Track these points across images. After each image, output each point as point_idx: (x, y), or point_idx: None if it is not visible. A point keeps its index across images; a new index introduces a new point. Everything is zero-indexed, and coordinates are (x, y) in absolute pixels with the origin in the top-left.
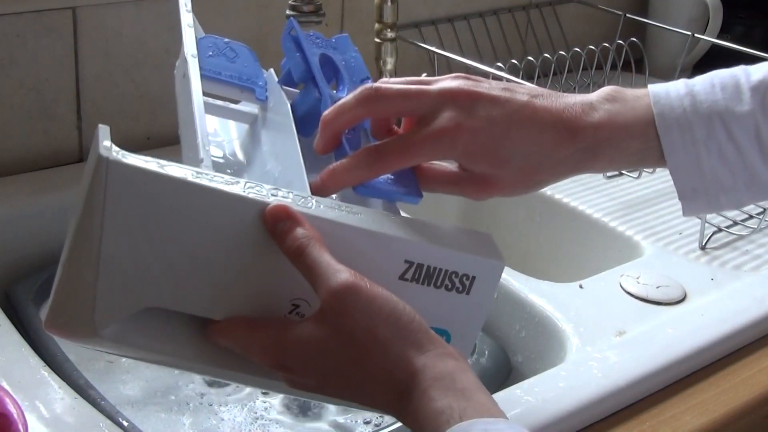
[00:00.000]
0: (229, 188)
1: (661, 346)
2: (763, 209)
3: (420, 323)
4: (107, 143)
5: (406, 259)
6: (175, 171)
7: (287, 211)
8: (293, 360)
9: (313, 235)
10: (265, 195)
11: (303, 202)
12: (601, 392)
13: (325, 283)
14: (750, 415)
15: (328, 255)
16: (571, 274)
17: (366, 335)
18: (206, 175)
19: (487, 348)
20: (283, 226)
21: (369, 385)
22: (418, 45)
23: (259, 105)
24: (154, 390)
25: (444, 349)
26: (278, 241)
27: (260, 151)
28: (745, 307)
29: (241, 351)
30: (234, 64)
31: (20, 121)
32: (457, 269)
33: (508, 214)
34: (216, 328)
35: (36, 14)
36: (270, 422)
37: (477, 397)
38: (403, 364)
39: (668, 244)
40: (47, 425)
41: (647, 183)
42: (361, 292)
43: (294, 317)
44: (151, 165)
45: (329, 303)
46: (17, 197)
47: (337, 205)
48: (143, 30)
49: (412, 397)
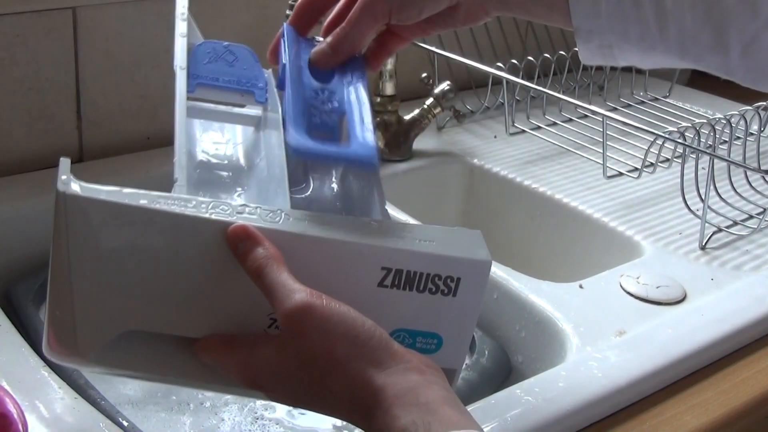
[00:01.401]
0: (189, 211)
1: (661, 346)
2: (763, 209)
3: (380, 339)
4: (64, 177)
5: (383, 266)
6: (134, 198)
7: (246, 231)
8: (263, 379)
9: (272, 254)
10: (230, 213)
11: (271, 216)
12: (601, 392)
13: (280, 304)
14: (750, 415)
15: (285, 274)
16: (571, 274)
17: (324, 356)
18: (169, 198)
19: (487, 348)
20: (243, 246)
21: (335, 404)
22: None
23: (261, 106)
24: (155, 390)
25: (406, 363)
26: (240, 262)
27: (260, 154)
28: (745, 307)
29: (219, 369)
30: (233, 68)
31: (20, 121)
32: (439, 272)
33: (508, 214)
34: (197, 345)
35: (36, 14)
36: (270, 422)
37: (442, 411)
38: (363, 383)
39: (668, 244)
40: (47, 425)
41: (647, 183)
42: (315, 312)
43: (273, 331)
44: (110, 195)
45: (285, 325)
46: (17, 197)
47: (308, 217)
48: (143, 30)
49: (376, 416)
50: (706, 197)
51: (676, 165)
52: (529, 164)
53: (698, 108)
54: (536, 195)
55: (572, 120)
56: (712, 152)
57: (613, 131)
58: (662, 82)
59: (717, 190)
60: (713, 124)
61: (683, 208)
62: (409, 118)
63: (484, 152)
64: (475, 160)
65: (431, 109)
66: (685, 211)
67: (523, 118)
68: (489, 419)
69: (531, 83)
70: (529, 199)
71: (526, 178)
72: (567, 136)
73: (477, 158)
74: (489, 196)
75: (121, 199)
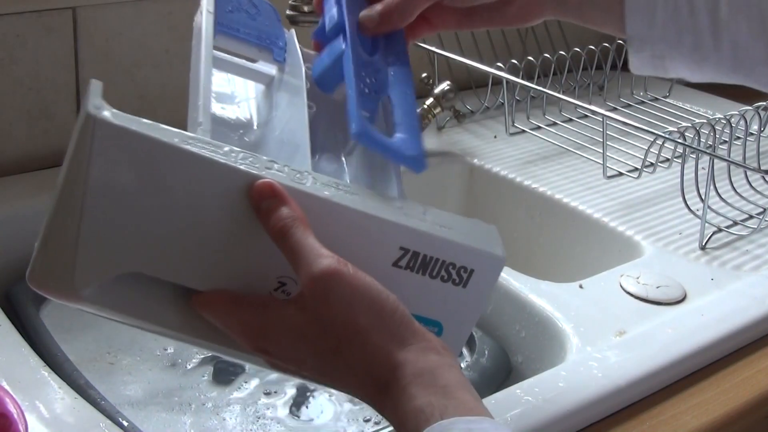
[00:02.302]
0: (220, 157)
1: (661, 346)
2: (763, 209)
3: (403, 315)
4: (97, 101)
5: (402, 246)
6: (166, 135)
7: (273, 188)
8: (271, 344)
9: (298, 215)
10: (258, 167)
11: (298, 177)
12: (601, 392)
13: (306, 267)
14: (750, 415)
15: (312, 238)
16: (571, 274)
17: (346, 325)
18: (199, 141)
19: (487, 348)
20: (267, 204)
21: (347, 375)
22: (419, 45)
23: (277, 66)
24: (156, 390)
25: (427, 343)
26: (262, 220)
27: (273, 114)
28: (745, 307)
29: (222, 327)
30: (254, 21)
31: (20, 121)
32: (454, 261)
33: (508, 214)
34: (199, 299)
35: (36, 14)
36: (271, 422)
37: (459, 395)
38: (382, 358)
39: (668, 244)
40: (47, 425)
41: (647, 183)
42: (343, 280)
43: (280, 295)
44: (141, 127)
45: (309, 289)
46: (17, 197)
47: (335, 183)
48: (143, 30)
49: (391, 392)
50: (706, 197)
51: (676, 165)
52: (529, 164)
53: (698, 108)
54: (536, 195)
55: (572, 120)
56: (712, 152)
57: (613, 131)
58: (662, 82)
59: (717, 190)
60: (713, 124)
61: (683, 208)
62: None
63: (484, 152)
64: (475, 160)
65: (431, 109)
66: (685, 211)
67: (523, 118)
68: None
69: (531, 83)
70: (529, 199)
71: (526, 178)
72: (567, 136)
73: (477, 158)
74: (489, 196)
75: (153, 133)
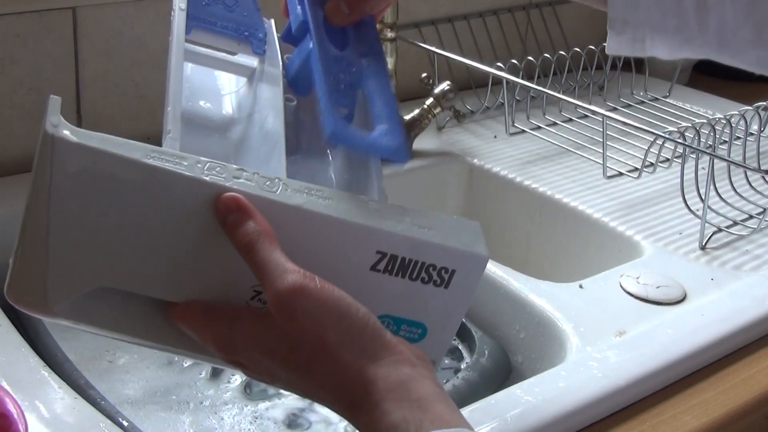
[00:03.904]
0: (183, 170)
1: (661, 346)
2: (763, 209)
3: (374, 329)
4: (55, 118)
5: (378, 250)
6: (127, 150)
7: (237, 202)
8: (243, 357)
9: (264, 229)
10: (225, 177)
11: (268, 185)
12: (601, 392)
13: (271, 284)
14: (750, 415)
15: (277, 252)
16: (571, 274)
17: (314, 342)
18: (163, 154)
19: (487, 348)
20: (233, 218)
21: (319, 390)
22: (418, 45)
23: (258, 58)
24: (154, 390)
25: (399, 355)
26: (228, 233)
27: (253, 108)
28: (745, 307)
29: (196, 338)
30: (232, 13)
31: (20, 121)
32: (434, 262)
33: (508, 214)
34: (174, 311)
35: (36, 14)
36: (269, 422)
37: (434, 408)
38: (353, 375)
39: (668, 244)
40: (47, 425)
41: (647, 183)
42: (310, 296)
43: (256, 304)
44: (101, 143)
45: (276, 306)
46: (17, 197)
47: (307, 189)
48: (143, 30)
49: (364, 408)
50: (706, 197)
51: (676, 165)
52: (529, 164)
53: (698, 108)
54: (536, 195)
55: (572, 120)
56: (712, 152)
57: (613, 131)
58: (662, 82)
59: (717, 190)
60: (713, 124)
61: (683, 208)
62: (409, 118)
63: (484, 152)
64: (475, 160)
65: (431, 109)
66: (685, 211)
67: (523, 118)
68: (489, 419)
69: (531, 83)
70: (529, 199)
71: (526, 178)
72: (567, 136)
73: (477, 158)
74: (489, 196)
75: (113, 149)
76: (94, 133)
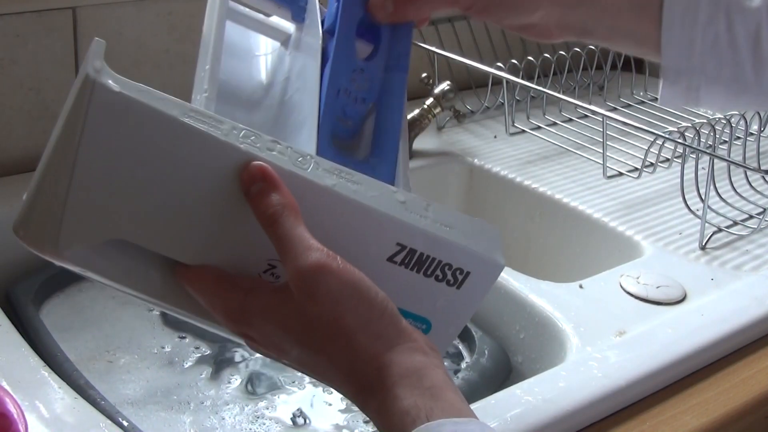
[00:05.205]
0: (220, 135)
1: (661, 346)
2: (763, 209)
3: (392, 314)
4: (98, 63)
5: (399, 242)
6: (167, 106)
7: (264, 171)
8: (254, 329)
9: (289, 203)
10: (259, 148)
11: (300, 161)
12: (601, 392)
13: (293, 260)
14: (750, 415)
15: (301, 228)
16: (571, 274)
17: (331, 323)
18: (200, 115)
19: (487, 348)
20: (257, 188)
21: (330, 371)
22: (418, 45)
23: (295, 25)
24: (155, 390)
25: (413, 343)
26: (251, 203)
27: (285, 75)
28: (745, 307)
29: (206, 305)
30: None
31: (20, 121)
32: (451, 261)
33: (508, 214)
34: (186, 274)
35: (36, 14)
36: (270, 421)
37: (445, 396)
38: (368, 359)
39: (668, 244)
40: (47, 425)
41: (647, 183)
42: (331, 275)
43: (268, 277)
44: (142, 95)
45: (296, 283)
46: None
47: (338, 171)
48: (143, 30)
49: (376, 393)
50: (706, 197)
51: (676, 165)
52: (529, 164)
53: (698, 108)
54: (536, 195)
55: (572, 120)
56: (712, 152)
57: (613, 131)
58: None
59: (717, 190)
60: (713, 124)
61: (683, 208)
62: (409, 118)
63: (484, 152)
64: (475, 160)
65: (431, 109)
66: (685, 211)
67: (523, 118)
68: (489, 419)
69: (531, 83)
70: (529, 199)
71: (526, 178)
72: (567, 136)
73: (477, 158)
74: (489, 196)
75: (153, 103)
76: (134, 83)
